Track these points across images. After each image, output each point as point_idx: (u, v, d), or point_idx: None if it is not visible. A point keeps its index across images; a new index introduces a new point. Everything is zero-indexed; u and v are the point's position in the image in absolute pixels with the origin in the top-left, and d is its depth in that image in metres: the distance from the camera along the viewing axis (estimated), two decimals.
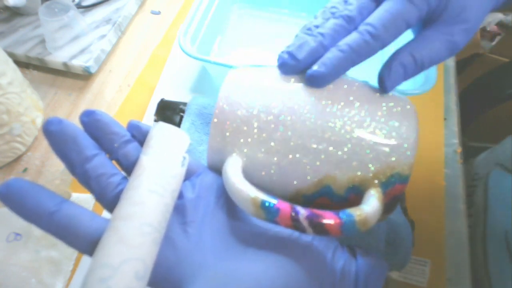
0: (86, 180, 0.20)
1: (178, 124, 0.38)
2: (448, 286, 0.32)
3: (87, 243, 0.18)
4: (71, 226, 0.18)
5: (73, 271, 0.33)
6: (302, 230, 0.19)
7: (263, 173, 0.22)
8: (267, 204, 0.19)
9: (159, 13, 0.55)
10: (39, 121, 0.41)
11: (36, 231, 0.34)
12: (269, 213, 0.19)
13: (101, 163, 0.20)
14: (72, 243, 0.18)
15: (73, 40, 0.47)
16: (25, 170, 0.39)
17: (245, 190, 0.19)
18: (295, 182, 0.21)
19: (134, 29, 0.53)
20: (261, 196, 0.19)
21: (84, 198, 0.36)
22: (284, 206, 0.19)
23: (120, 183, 0.20)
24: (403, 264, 0.30)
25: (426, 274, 0.32)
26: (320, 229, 0.18)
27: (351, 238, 0.29)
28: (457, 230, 0.35)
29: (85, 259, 0.33)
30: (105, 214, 0.20)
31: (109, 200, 0.20)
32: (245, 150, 0.22)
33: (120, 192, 0.20)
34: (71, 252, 0.33)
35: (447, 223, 0.36)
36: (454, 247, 0.34)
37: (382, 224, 0.28)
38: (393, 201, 0.21)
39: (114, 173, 0.20)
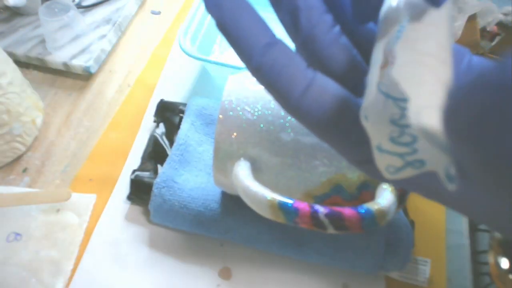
0: (291, 10, 0.15)
1: (178, 125, 0.38)
2: (448, 286, 0.32)
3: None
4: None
5: (73, 271, 0.33)
6: (322, 228, 0.18)
7: (271, 176, 0.22)
8: (285, 204, 0.18)
9: (159, 13, 0.55)
10: (39, 121, 0.41)
11: (36, 231, 0.34)
12: (288, 213, 0.18)
13: None
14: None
15: (73, 40, 0.47)
16: (25, 170, 0.39)
17: (261, 192, 0.19)
18: (305, 183, 0.21)
19: (134, 29, 0.53)
20: (278, 197, 0.19)
21: (84, 198, 0.36)
22: (303, 205, 0.18)
23: (335, 26, 0.16)
24: (404, 264, 0.30)
25: (426, 274, 0.32)
26: (341, 225, 0.18)
27: (350, 240, 0.29)
28: (457, 230, 0.35)
29: (85, 259, 0.33)
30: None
31: (324, 45, 0.15)
32: (252, 153, 0.21)
33: (337, 37, 0.15)
34: (71, 252, 0.33)
35: (447, 223, 0.36)
36: (454, 247, 0.34)
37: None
38: (403, 194, 0.21)
39: (325, 10, 0.16)
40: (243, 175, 0.20)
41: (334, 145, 0.15)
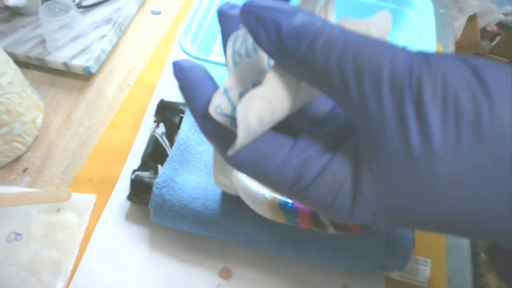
0: None
1: (178, 125, 0.38)
2: (448, 286, 0.32)
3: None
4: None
5: (73, 271, 0.33)
6: (323, 228, 0.18)
7: None
8: (285, 204, 0.18)
9: (159, 13, 0.55)
10: (39, 121, 0.41)
11: (36, 231, 0.34)
12: (289, 213, 0.18)
13: None
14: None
15: (73, 40, 0.47)
16: (25, 170, 0.39)
17: (261, 192, 0.19)
18: None
19: (134, 29, 0.53)
20: (278, 197, 0.19)
21: (84, 198, 0.36)
22: (303, 205, 0.18)
23: None
24: (404, 264, 0.30)
25: (426, 274, 0.32)
26: (341, 225, 0.18)
27: (350, 240, 0.29)
28: None
29: (85, 259, 0.33)
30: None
31: None
32: None
33: None
34: (71, 252, 0.33)
35: None
36: (454, 247, 0.34)
37: None
38: None
39: None
40: (243, 175, 0.20)
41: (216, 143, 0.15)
